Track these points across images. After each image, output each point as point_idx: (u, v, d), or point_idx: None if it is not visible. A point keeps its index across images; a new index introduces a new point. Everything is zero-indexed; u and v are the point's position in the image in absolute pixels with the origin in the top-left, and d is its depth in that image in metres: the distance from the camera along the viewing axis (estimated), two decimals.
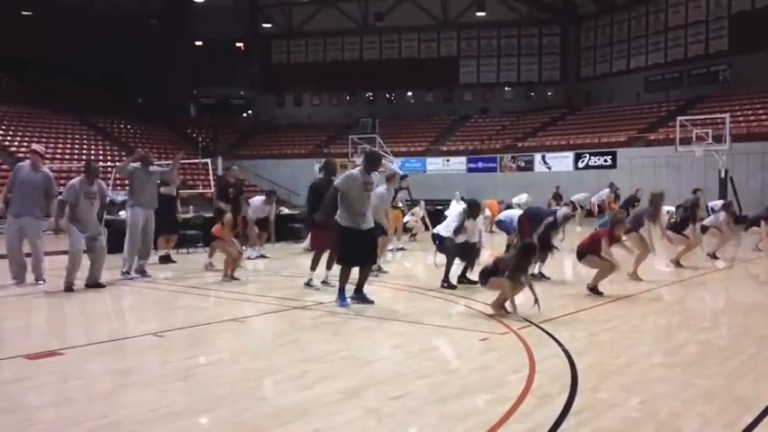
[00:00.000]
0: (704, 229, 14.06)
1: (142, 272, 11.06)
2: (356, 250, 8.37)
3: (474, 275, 9.84)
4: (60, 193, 10.24)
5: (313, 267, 9.69)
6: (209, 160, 29.02)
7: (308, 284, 9.65)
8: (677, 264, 12.21)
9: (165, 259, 13.02)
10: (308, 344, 6.57)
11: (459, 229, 9.83)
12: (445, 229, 10.01)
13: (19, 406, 4.67)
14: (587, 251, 9.29)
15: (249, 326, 7.51)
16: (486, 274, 7.91)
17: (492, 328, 7.06)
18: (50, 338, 7.05)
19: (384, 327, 7.48)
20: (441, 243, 10.06)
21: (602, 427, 4.21)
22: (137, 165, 11.28)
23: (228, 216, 11.03)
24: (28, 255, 10.17)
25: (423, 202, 18.86)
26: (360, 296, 8.56)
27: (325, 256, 9.69)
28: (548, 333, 6.73)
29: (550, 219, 10.72)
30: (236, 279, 10.63)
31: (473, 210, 10.13)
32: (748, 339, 6.65)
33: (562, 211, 11.43)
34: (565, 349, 6.04)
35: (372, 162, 8.74)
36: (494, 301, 7.74)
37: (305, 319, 7.81)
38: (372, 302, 8.50)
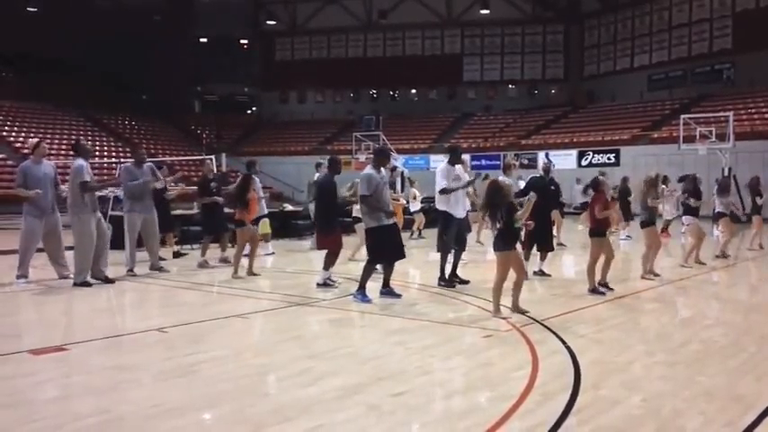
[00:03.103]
0: (720, 216, 13.94)
1: (159, 268, 11.10)
2: (385, 247, 8.53)
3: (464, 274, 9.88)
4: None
5: (326, 267, 9.69)
6: (212, 157, 28.99)
7: (326, 283, 9.63)
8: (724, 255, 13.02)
9: (176, 254, 13.21)
10: (311, 341, 6.59)
11: (446, 179, 9.72)
12: (438, 199, 9.91)
13: (23, 400, 4.69)
14: (592, 228, 9.29)
15: (252, 322, 7.53)
16: (499, 238, 7.67)
17: (495, 325, 7.07)
18: (55, 334, 7.06)
19: (386, 324, 7.49)
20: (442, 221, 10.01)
21: (603, 424, 4.22)
22: (128, 165, 11.20)
23: (233, 189, 10.96)
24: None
25: (417, 183, 18.73)
26: (388, 290, 8.68)
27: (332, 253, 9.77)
28: (550, 330, 6.73)
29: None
30: (255, 275, 10.67)
31: (453, 156, 10.04)
32: (749, 338, 6.65)
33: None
34: (567, 347, 6.05)
35: (382, 157, 8.90)
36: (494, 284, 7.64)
37: (307, 316, 7.82)
38: (400, 296, 8.61)
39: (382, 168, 8.84)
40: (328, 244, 9.77)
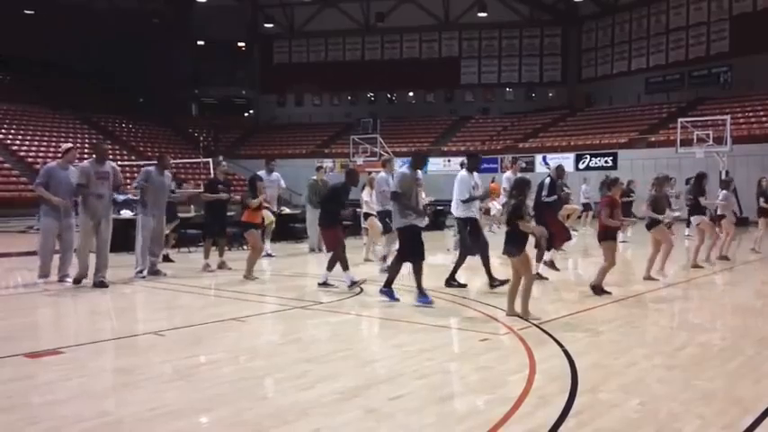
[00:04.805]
0: (720, 218, 13.97)
1: (156, 272, 11.04)
2: (416, 245, 8.52)
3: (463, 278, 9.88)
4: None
5: (345, 267, 9.65)
6: (210, 160, 29.02)
7: (325, 284, 9.69)
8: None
9: (165, 258, 13.06)
10: (309, 344, 6.59)
11: (466, 193, 9.84)
12: (456, 207, 9.93)
13: (21, 404, 4.67)
14: (602, 232, 9.31)
15: (250, 325, 7.51)
16: (510, 242, 7.64)
17: (492, 328, 7.07)
18: (52, 337, 7.06)
19: (384, 327, 7.50)
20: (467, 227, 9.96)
21: (601, 427, 4.22)
22: (151, 169, 11.18)
23: (250, 199, 10.82)
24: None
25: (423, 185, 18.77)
26: (387, 291, 8.66)
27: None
28: (548, 334, 6.73)
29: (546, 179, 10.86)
30: (254, 278, 10.57)
31: (471, 163, 10.15)
32: (748, 341, 6.65)
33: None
34: (565, 350, 6.05)
35: (418, 159, 8.95)
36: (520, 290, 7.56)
37: (306, 320, 7.81)
38: (398, 300, 8.58)
39: (419, 171, 8.83)
40: (329, 237, 9.92)
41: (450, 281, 9.81)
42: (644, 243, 12.16)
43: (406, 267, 8.99)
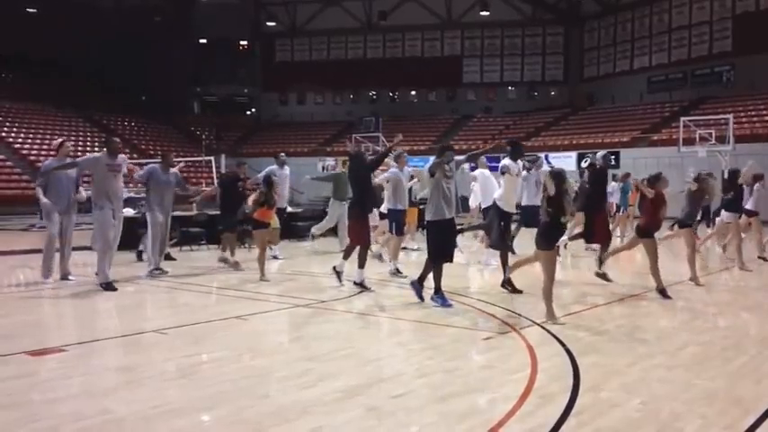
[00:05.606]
0: (751, 214, 13.88)
1: (158, 269, 11.02)
2: (446, 243, 8.36)
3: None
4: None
5: (361, 265, 9.43)
6: (212, 158, 29.04)
7: (362, 285, 9.39)
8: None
9: (166, 257, 13.06)
10: (311, 342, 6.58)
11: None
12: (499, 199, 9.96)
13: (22, 402, 4.68)
14: (648, 227, 9.27)
15: (252, 324, 7.51)
16: (542, 234, 7.46)
17: (494, 327, 7.07)
18: (54, 334, 7.07)
19: (386, 325, 7.50)
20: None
21: (602, 427, 4.22)
22: (155, 166, 11.11)
23: (263, 193, 10.72)
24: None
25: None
26: (418, 288, 8.47)
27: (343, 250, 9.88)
28: (550, 333, 6.73)
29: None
30: (266, 279, 10.45)
31: (515, 152, 10.15)
32: (750, 341, 6.65)
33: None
34: (567, 349, 6.05)
35: (446, 153, 8.69)
36: (543, 288, 7.41)
37: (308, 318, 7.82)
38: (423, 300, 8.39)
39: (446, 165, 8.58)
40: (353, 228, 9.68)
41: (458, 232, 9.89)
42: (666, 243, 12.14)
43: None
